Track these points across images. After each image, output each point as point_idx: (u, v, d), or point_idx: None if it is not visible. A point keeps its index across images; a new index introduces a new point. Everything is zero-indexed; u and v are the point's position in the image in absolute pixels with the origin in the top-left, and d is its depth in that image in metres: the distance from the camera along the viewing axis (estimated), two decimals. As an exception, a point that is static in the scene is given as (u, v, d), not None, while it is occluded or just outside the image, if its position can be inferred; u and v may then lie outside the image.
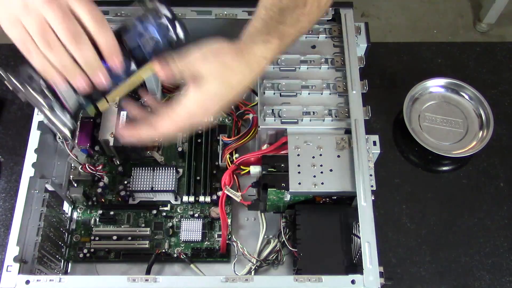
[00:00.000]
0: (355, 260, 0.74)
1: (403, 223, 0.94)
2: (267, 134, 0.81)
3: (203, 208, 0.90)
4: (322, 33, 0.85)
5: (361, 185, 0.72)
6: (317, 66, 0.83)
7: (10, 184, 0.95)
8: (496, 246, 0.93)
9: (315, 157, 0.76)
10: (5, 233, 0.91)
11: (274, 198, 0.78)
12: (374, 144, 0.78)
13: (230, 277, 0.66)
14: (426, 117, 1.02)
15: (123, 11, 0.87)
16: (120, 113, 0.87)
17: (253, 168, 0.77)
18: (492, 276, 0.90)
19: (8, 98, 1.03)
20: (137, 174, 0.89)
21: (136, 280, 0.66)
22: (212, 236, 0.88)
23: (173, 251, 0.87)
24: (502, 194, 0.97)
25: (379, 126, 1.03)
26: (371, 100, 0.81)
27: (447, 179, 0.99)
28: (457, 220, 0.95)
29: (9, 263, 0.68)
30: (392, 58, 1.11)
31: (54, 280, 0.66)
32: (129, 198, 0.90)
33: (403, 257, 0.91)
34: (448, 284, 0.89)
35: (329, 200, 0.78)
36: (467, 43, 1.14)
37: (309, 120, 0.79)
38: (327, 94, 0.81)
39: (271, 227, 0.87)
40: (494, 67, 1.10)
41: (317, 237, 0.76)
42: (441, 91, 1.05)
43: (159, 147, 0.94)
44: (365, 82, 0.80)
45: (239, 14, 0.86)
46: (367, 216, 0.70)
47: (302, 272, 0.73)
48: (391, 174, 0.99)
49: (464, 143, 1.00)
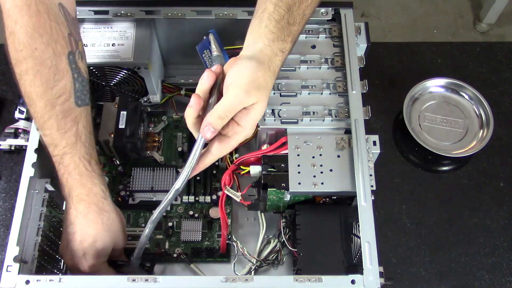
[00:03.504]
0: (355, 260, 0.73)
1: (403, 223, 0.94)
2: (267, 134, 0.81)
3: (203, 208, 0.90)
4: (322, 33, 0.85)
5: (361, 185, 0.72)
6: (317, 66, 0.83)
7: (10, 184, 0.95)
8: (496, 246, 0.93)
9: (315, 157, 0.76)
10: (5, 233, 0.91)
11: (274, 198, 0.78)
12: (374, 144, 0.78)
13: (230, 277, 0.66)
14: (426, 117, 1.02)
15: (123, 11, 0.87)
16: (120, 113, 0.87)
17: (253, 168, 0.77)
18: (492, 276, 0.90)
19: (8, 98, 1.03)
20: (137, 174, 0.89)
21: (136, 280, 0.66)
22: (212, 236, 0.88)
23: (173, 251, 0.87)
24: (502, 194, 0.97)
25: (379, 126, 1.03)
26: (371, 100, 0.81)
27: (447, 179, 0.99)
28: (457, 220, 0.95)
29: (9, 263, 0.68)
30: (392, 58, 1.11)
31: (54, 280, 0.66)
32: (129, 198, 0.90)
33: (403, 257, 0.91)
34: (448, 284, 0.89)
35: (329, 200, 0.78)
36: (467, 43, 1.14)
37: (309, 120, 0.79)
38: (327, 94, 0.81)
39: (271, 227, 0.87)
40: (494, 67, 1.10)
41: (317, 237, 0.76)
42: (441, 91, 1.05)
43: (159, 147, 0.94)
44: (365, 82, 0.80)
45: (239, 14, 0.86)
46: (367, 216, 0.70)
47: (302, 272, 0.73)
48: (391, 174, 0.99)
49: (464, 143, 1.00)
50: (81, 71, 0.71)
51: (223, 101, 0.64)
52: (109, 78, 0.89)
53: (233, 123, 0.65)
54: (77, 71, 0.70)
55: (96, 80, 0.90)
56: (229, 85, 0.64)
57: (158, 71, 0.95)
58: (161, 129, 0.96)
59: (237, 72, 0.65)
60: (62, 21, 0.69)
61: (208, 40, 0.76)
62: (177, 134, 0.96)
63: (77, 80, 0.70)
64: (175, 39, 0.95)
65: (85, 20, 0.88)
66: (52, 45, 0.67)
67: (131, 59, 0.87)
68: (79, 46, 0.72)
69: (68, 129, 0.70)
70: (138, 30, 0.88)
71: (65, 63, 0.69)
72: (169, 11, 0.87)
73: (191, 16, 0.86)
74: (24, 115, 0.97)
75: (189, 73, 1.00)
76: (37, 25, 0.65)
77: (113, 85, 0.91)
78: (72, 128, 0.70)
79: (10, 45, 0.66)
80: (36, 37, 0.66)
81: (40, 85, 0.67)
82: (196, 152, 0.65)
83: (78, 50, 0.71)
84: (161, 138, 0.95)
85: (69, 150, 0.70)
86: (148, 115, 0.96)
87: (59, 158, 0.71)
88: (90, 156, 0.72)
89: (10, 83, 1.04)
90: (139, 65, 0.87)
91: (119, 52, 0.87)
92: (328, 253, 0.75)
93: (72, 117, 0.70)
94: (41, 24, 0.66)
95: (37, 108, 0.68)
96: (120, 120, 0.86)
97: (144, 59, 0.87)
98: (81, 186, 0.71)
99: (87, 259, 0.71)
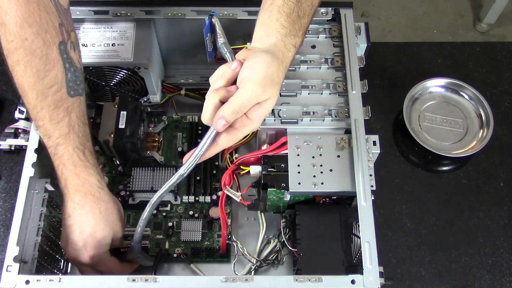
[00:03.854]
0: (355, 260, 0.73)
1: (403, 223, 0.94)
2: (267, 134, 0.81)
3: (203, 208, 0.90)
4: (322, 33, 0.85)
5: (361, 185, 0.72)
6: (317, 66, 0.83)
7: (10, 184, 0.95)
8: (496, 246, 0.93)
9: (315, 157, 0.76)
10: (5, 233, 0.91)
11: (274, 198, 0.78)
12: (374, 144, 0.78)
13: (230, 277, 0.66)
14: (426, 117, 1.02)
15: (123, 11, 0.87)
16: (120, 113, 0.87)
17: (253, 168, 0.77)
18: (492, 276, 0.90)
19: (8, 98, 1.03)
20: (137, 174, 0.89)
21: (136, 280, 0.66)
22: (212, 236, 0.88)
23: (173, 251, 0.87)
24: (502, 194, 0.97)
25: (379, 126, 1.03)
26: (371, 100, 0.81)
27: (447, 179, 0.99)
28: (457, 220, 0.95)
29: (9, 263, 0.68)
30: (392, 58, 1.11)
31: (54, 280, 0.66)
32: (129, 198, 0.90)
33: (403, 257, 0.91)
34: (448, 284, 0.89)
35: (329, 200, 0.78)
36: (467, 43, 1.14)
37: (309, 120, 0.79)
38: (327, 94, 0.81)
39: (271, 227, 0.87)
40: (494, 67, 1.10)
41: (317, 237, 0.76)
42: (441, 91, 1.05)
43: (159, 147, 0.94)
44: (365, 82, 0.80)
45: (239, 14, 0.86)
46: (367, 216, 0.70)
47: (302, 272, 0.73)
48: (391, 174, 0.99)
49: (464, 143, 1.00)
50: (73, 61, 0.71)
51: (239, 95, 0.63)
52: (109, 78, 0.89)
53: (242, 116, 0.65)
54: (68, 61, 0.70)
55: (96, 80, 0.90)
56: (245, 78, 0.64)
57: (158, 71, 0.95)
58: (161, 129, 0.96)
59: (254, 66, 0.64)
60: (53, 11, 0.69)
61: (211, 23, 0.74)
62: (177, 134, 0.96)
63: (69, 70, 0.70)
64: (175, 39, 0.95)
65: (85, 20, 0.88)
66: (42, 34, 0.67)
67: (131, 59, 0.87)
68: (71, 37, 0.72)
69: (60, 119, 0.70)
70: (138, 30, 0.88)
71: (55, 53, 0.68)
72: (169, 11, 0.87)
73: (191, 16, 0.87)
74: (24, 115, 0.97)
75: (189, 73, 1.00)
76: (27, 15, 0.65)
77: (113, 85, 0.91)
78: (65, 118, 0.70)
79: (1, 36, 0.66)
80: (26, 27, 0.66)
81: (31, 75, 0.67)
82: (206, 141, 0.66)
83: (70, 41, 0.71)
84: (161, 138, 0.95)
85: (62, 140, 0.70)
86: (148, 115, 0.96)
87: (53, 149, 0.71)
88: (84, 147, 0.72)
89: (10, 83, 1.03)
90: (139, 65, 0.87)
91: (119, 52, 0.87)
92: (328, 253, 0.75)
93: (64, 107, 0.70)
94: (30, 14, 0.66)
95: (29, 99, 0.68)
96: (120, 120, 0.86)
97: (144, 59, 0.87)
98: (76, 177, 0.71)
99: (88, 249, 0.72)
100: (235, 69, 0.65)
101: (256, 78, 0.63)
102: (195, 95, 0.98)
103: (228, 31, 0.79)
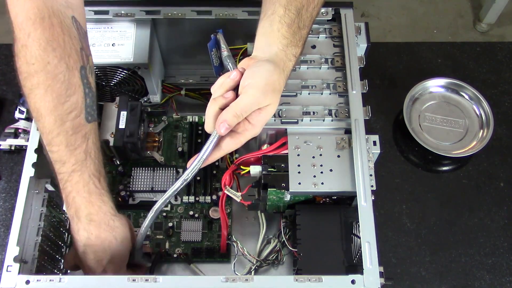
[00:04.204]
0: (355, 260, 0.73)
1: (403, 223, 0.94)
2: (267, 134, 0.81)
3: (203, 208, 0.90)
4: (322, 33, 0.85)
5: (361, 185, 0.72)
6: (317, 66, 0.83)
7: (10, 184, 0.95)
8: (496, 246, 0.93)
9: (315, 157, 0.76)
10: (5, 233, 0.91)
11: (274, 198, 0.78)
12: (374, 144, 0.78)
13: (230, 277, 0.66)
14: (426, 117, 1.02)
15: (123, 11, 0.87)
16: (120, 113, 0.87)
17: (253, 168, 0.77)
18: (492, 276, 0.90)
19: (8, 98, 1.03)
20: (137, 174, 0.89)
21: (136, 280, 0.66)
22: (212, 236, 0.88)
23: (173, 251, 0.87)
24: (502, 194, 0.97)
25: (379, 126, 1.03)
26: (371, 100, 0.81)
27: (447, 179, 0.99)
28: (457, 220, 0.95)
29: (9, 263, 0.68)
30: (392, 58, 1.11)
31: (54, 280, 0.66)
32: (129, 198, 0.90)
33: (403, 257, 0.91)
34: (448, 284, 0.89)
35: (329, 200, 0.78)
36: (467, 43, 1.14)
37: (309, 120, 0.79)
38: (327, 94, 0.81)
39: (271, 227, 0.87)
40: (494, 67, 1.10)
41: (317, 237, 0.76)
42: (441, 91, 1.05)
43: (159, 147, 0.94)
44: (365, 82, 0.80)
45: (239, 14, 0.86)
46: (367, 216, 0.70)
47: (302, 272, 0.73)
48: (391, 174, 0.99)
49: (464, 143, 1.00)
50: (91, 86, 0.71)
51: (240, 100, 0.65)
52: (109, 78, 0.89)
53: (244, 121, 0.66)
54: (88, 86, 0.70)
55: (96, 80, 0.90)
56: (247, 85, 0.65)
57: (158, 71, 0.95)
58: (161, 129, 0.96)
59: (256, 74, 0.66)
60: (75, 35, 0.68)
61: (216, 40, 0.76)
62: (177, 134, 0.96)
63: (88, 95, 0.70)
64: (175, 39, 0.95)
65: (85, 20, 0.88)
66: (65, 59, 0.66)
67: (131, 59, 0.87)
68: (89, 61, 0.71)
69: (78, 145, 0.68)
70: (138, 30, 0.88)
71: (77, 77, 0.68)
72: (169, 11, 0.87)
73: (191, 16, 0.87)
74: (24, 115, 0.97)
75: (189, 73, 1.00)
76: (51, 38, 0.65)
77: (113, 85, 0.91)
78: (82, 144, 0.69)
79: (21, 58, 0.65)
80: (49, 50, 0.65)
81: (51, 100, 0.66)
82: (209, 146, 0.67)
83: (89, 65, 0.71)
84: (161, 138, 0.95)
85: (78, 167, 0.69)
86: (148, 115, 0.96)
87: (66, 175, 0.69)
88: (99, 173, 0.71)
89: (10, 83, 1.04)
90: (139, 65, 0.87)
91: (119, 52, 0.87)
92: (328, 253, 0.75)
93: (82, 133, 0.69)
94: (54, 38, 0.65)
95: (45, 124, 0.67)
96: (120, 120, 0.86)
97: (144, 59, 0.87)
98: (90, 205, 0.70)
99: (108, 272, 0.72)
100: (235, 78, 0.67)
101: (258, 85, 0.65)
102: (195, 95, 0.98)
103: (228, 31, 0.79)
